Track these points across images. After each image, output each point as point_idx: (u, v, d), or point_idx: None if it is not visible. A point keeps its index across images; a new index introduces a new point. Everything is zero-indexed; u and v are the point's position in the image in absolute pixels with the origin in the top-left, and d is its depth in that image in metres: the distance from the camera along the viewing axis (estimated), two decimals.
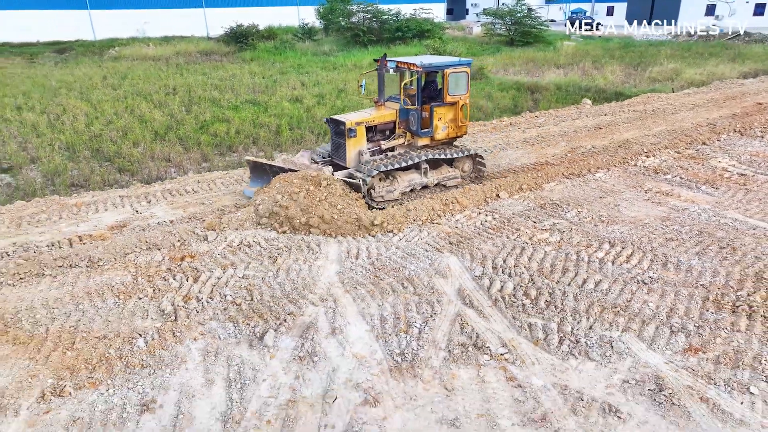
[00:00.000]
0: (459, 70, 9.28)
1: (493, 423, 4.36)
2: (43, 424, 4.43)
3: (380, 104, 9.72)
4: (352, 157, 9.19)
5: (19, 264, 6.91)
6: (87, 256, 7.12)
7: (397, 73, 9.67)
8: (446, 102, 9.28)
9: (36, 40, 45.28)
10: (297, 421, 4.44)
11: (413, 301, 6.09)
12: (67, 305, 6.12)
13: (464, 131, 9.79)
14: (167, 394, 4.75)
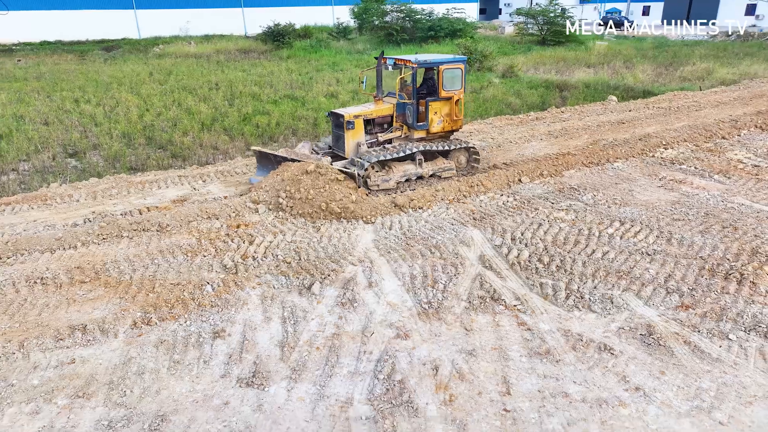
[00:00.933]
0: (453, 66, 9.81)
1: (504, 354, 5.22)
2: (138, 344, 5.50)
3: (379, 99, 10.23)
4: (351, 148, 9.72)
5: (102, 227, 8.09)
6: (157, 222, 8.25)
7: (396, 70, 10.24)
8: (441, 97, 9.81)
9: (85, 38, 47.72)
10: (341, 348, 5.39)
11: (439, 264, 6.98)
12: (145, 260, 7.23)
13: (460, 125, 10.28)
14: (234, 327, 5.77)
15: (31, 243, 7.65)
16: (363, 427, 4.39)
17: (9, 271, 6.97)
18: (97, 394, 4.81)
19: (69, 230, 8.11)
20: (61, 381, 4.97)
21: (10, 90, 21.22)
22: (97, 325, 5.75)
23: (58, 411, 4.61)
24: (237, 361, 5.24)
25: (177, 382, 4.96)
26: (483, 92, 20.88)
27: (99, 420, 4.51)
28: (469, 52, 26.60)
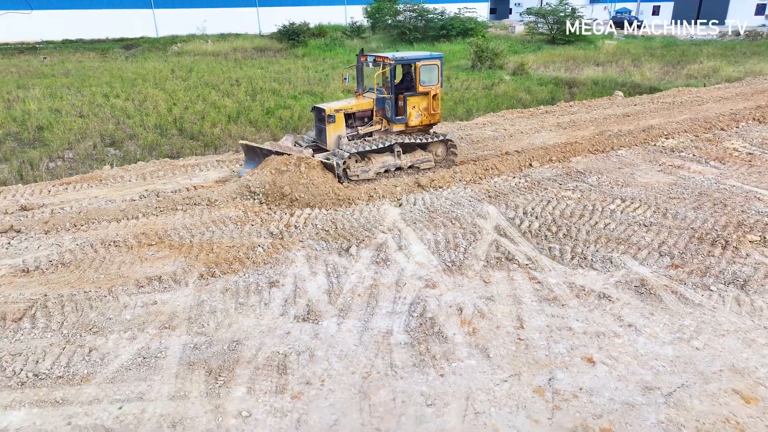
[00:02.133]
0: (430, 63, 10.24)
1: (518, 300, 6.17)
2: (206, 291, 6.51)
3: (359, 94, 10.72)
4: (332, 141, 10.20)
5: (159, 201, 9.13)
6: (206, 198, 9.27)
7: (376, 67, 10.55)
8: (419, 92, 10.22)
9: (105, 37, 49.05)
10: (379, 295, 6.36)
11: (459, 232, 7.94)
12: (200, 228, 8.25)
13: (437, 119, 10.71)
14: (286, 279, 6.76)
15: (100, 214, 8.70)
16: (402, 349, 5.36)
17: (85, 236, 8.01)
18: (180, 326, 5.82)
19: (130, 204, 9.15)
20: (148, 317, 5.99)
21: (41, 86, 22.32)
22: (170, 277, 6.77)
23: (151, 337, 5.62)
24: (292, 303, 6.23)
25: (244, 318, 5.96)
26: (495, 88, 21.72)
27: (185, 344, 5.51)
28: (480, 51, 27.46)
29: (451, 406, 4.60)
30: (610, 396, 4.65)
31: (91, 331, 5.71)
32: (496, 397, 4.68)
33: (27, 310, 6.05)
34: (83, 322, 5.88)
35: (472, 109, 17.56)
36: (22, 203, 9.33)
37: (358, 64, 10.75)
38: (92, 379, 5.00)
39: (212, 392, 4.82)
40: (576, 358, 5.16)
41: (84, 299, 6.28)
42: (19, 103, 18.65)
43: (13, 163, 12.36)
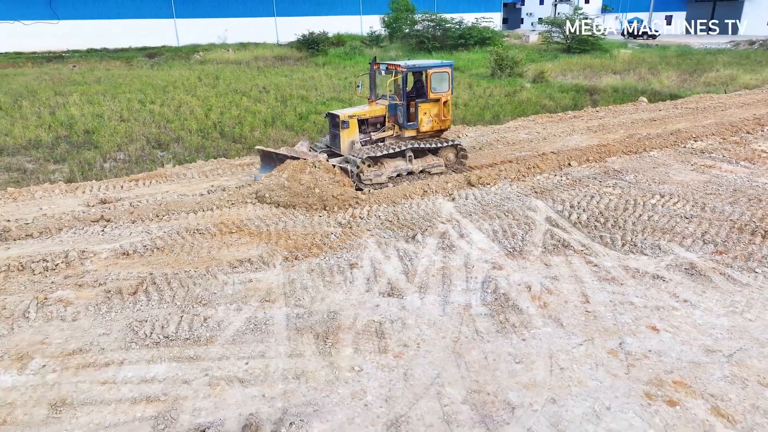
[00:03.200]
0: (441, 70, 10.54)
1: (579, 280, 6.81)
2: (293, 271, 7.20)
3: (372, 101, 11.00)
4: (346, 146, 10.45)
5: (229, 194, 9.87)
6: None
7: (388, 74, 10.86)
8: (430, 98, 10.54)
9: (128, 46, 50.30)
10: (451, 275, 7.02)
11: (514, 223, 8.60)
12: (272, 218, 8.95)
13: (448, 125, 11.03)
14: (363, 261, 7.44)
15: (177, 206, 9.44)
16: (483, 319, 6.01)
17: (169, 225, 8.74)
18: (278, 300, 6.51)
19: (203, 197, 9.89)
20: (248, 292, 6.68)
21: (77, 93, 23.19)
22: (258, 259, 7.47)
23: (255, 309, 6.31)
24: (374, 282, 6.90)
25: (334, 293, 6.64)
26: (517, 95, 22.39)
27: (288, 314, 6.20)
28: (500, 59, 28.19)
29: (537, 363, 5.24)
30: (677, 356, 5.28)
31: (200, 304, 6.41)
32: (576, 357, 5.32)
33: (139, 285, 6.76)
34: (191, 296, 6.58)
35: (499, 114, 18.25)
36: (100, 197, 10.08)
37: (371, 72, 11.02)
38: (215, 341, 5.69)
39: (324, 351, 5.49)
40: (641, 326, 5.79)
41: (186, 277, 6.99)
42: (61, 109, 19.50)
43: (70, 163, 13.15)
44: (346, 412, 4.67)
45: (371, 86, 11.09)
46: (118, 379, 5.14)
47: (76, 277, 7.08)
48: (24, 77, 29.93)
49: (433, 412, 4.65)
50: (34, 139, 15.24)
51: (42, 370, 5.29)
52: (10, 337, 5.82)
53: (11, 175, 12.41)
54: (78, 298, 6.55)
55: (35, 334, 5.85)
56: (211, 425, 4.53)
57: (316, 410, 4.68)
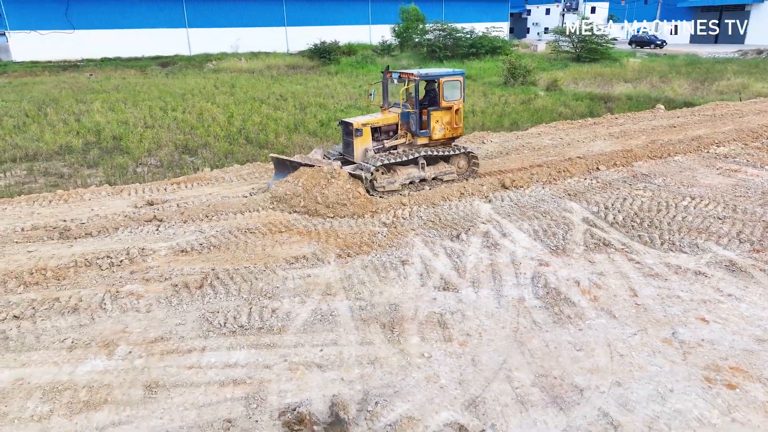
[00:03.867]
0: (453, 79, 10.65)
1: (625, 275, 7.12)
2: (348, 267, 7.52)
3: (385, 109, 11.07)
4: (359, 153, 10.51)
5: (273, 196, 10.22)
6: None
7: (400, 83, 10.95)
8: (442, 107, 10.66)
9: (141, 55, 51.03)
10: (500, 271, 7.34)
11: (552, 223, 8.92)
12: (318, 218, 9.29)
13: (460, 132, 11.12)
14: (413, 258, 7.76)
15: (224, 207, 9.79)
16: (539, 311, 6.32)
17: (219, 225, 9.09)
18: (338, 293, 6.83)
19: (247, 199, 10.24)
20: (308, 286, 7.00)
21: (98, 100, 23.62)
22: (313, 256, 7.81)
23: (318, 301, 6.63)
24: (427, 277, 7.22)
25: (391, 288, 6.96)
26: (533, 103, 22.76)
27: (351, 306, 6.51)
28: (513, 68, 28.62)
29: (596, 350, 5.54)
30: (730, 345, 5.57)
31: (266, 296, 6.74)
32: (632, 345, 5.62)
33: (203, 280, 7.10)
34: (255, 289, 6.91)
35: (517, 121, 18.62)
36: (147, 199, 10.45)
37: (384, 81, 11.12)
38: (288, 330, 6.01)
39: (393, 340, 5.81)
40: (690, 318, 6.08)
41: (247, 273, 7.32)
42: (85, 116, 19.93)
43: (105, 167, 13.52)
44: (424, 393, 4.97)
45: (384, 94, 11.21)
46: (202, 364, 5.46)
47: (141, 272, 7.43)
48: (43, 85, 30.49)
49: (506, 394, 4.95)
50: (65, 145, 15.64)
51: (129, 355, 5.61)
52: (93, 326, 6.15)
53: (49, 179, 12.80)
54: (147, 292, 6.88)
55: (115, 324, 6.18)
56: (300, 404, 4.84)
57: (396, 392, 4.99)
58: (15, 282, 7.06)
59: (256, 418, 4.70)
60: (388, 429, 4.54)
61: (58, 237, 8.55)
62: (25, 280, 7.11)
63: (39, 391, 5.08)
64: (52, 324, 6.18)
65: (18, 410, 4.85)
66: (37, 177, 12.92)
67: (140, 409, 4.85)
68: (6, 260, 7.75)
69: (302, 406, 4.81)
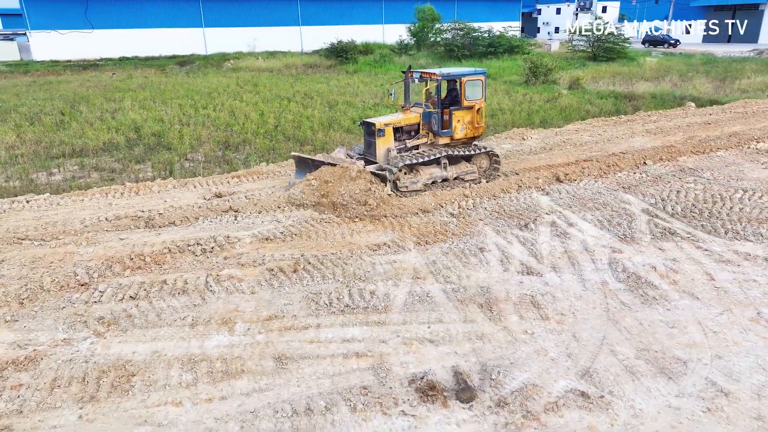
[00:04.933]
0: (475, 78, 10.62)
1: (697, 261, 7.48)
2: (429, 253, 7.91)
3: (406, 109, 11.05)
4: (382, 153, 10.52)
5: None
6: None
7: (422, 82, 11.02)
8: (464, 106, 10.64)
9: (158, 54, 51.59)
10: (576, 258, 7.71)
11: (614, 214, 9.29)
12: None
13: (481, 132, 11.11)
14: (489, 246, 8.14)
15: (293, 198, 10.17)
16: (624, 293, 6.69)
17: (293, 215, 9.48)
18: (427, 277, 7.21)
19: None
20: (396, 271, 7.39)
21: (126, 99, 24.00)
22: (393, 243, 8.20)
23: (410, 284, 7.02)
24: (507, 263, 7.60)
25: (476, 272, 7.34)
26: (558, 101, 23.08)
27: (443, 289, 6.90)
28: (535, 67, 28.94)
29: (689, 328, 5.91)
30: None
31: (360, 280, 7.13)
32: (722, 324, 5.98)
33: (296, 265, 7.49)
34: (347, 273, 7.30)
35: (546, 118, 18.96)
36: (214, 191, 10.85)
37: (405, 80, 11.09)
38: (392, 310, 6.40)
39: (493, 318, 6.19)
40: None
41: (336, 258, 7.72)
42: (119, 113, 20.34)
43: (154, 163, 13.90)
44: (538, 364, 5.35)
45: (405, 94, 11.16)
46: (321, 339, 5.85)
47: (234, 258, 7.83)
48: (68, 84, 30.98)
49: (614, 365, 5.32)
50: (109, 142, 16.05)
51: (248, 332, 6.01)
52: (205, 306, 6.56)
53: (102, 174, 13.23)
54: (245, 276, 7.28)
55: (226, 304, 6.59)
56: (425, 373, 5.23)
57: (512, 363, 5.37)
58: (119, 266, 7.48)
59: (390, 385, 5.09)
60: (515, 394, 4.92)
61: (144, 226, 8.97)
62: (127, 265, 7.52)
63: (177, 363, 5.48)
64: (167, 304, 6.59)
65: (164, 379, 5.25)
66: (89, 172, 13.34)
67: (276, 378, 5.25)
68: (102, 247, 8.17)
69: (429, 374, 5.19)
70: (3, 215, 9.54)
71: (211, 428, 4.64)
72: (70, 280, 7.09)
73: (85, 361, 5.51)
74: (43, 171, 13.18)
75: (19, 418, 4.75)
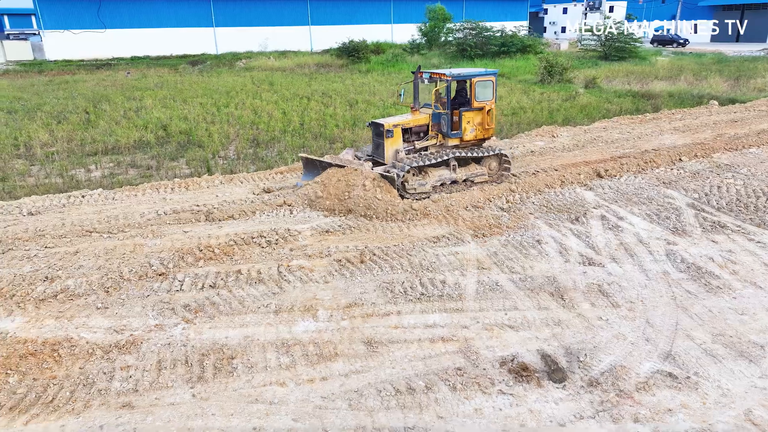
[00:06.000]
0: (485, 78, 10.44)
1: (753, 253, 7.71)
2: (487, 245, 8.14)
3: (415, 110, 10.87)
4: (390, 155, 10.34)
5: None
6: None
7: (431, 83, 10.85)
8: (474, 107, 10.44)
9: (169, 53, 51.90)
10: (632, 249, 7.94)
11: (661, 208, 9.52)
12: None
13: (491, 133, 10.88)
14: (545, 238, 8.37)
15: None
16: (687, 282, 6.92)
17: None
18: (492, 268, 7.45)
19: None
20: (460, 262, 7.63)
21: (145, 98, 24.19)
22: (452, 236, 8.44)
23: (477, 274, 7.25)
24: (566, 254, 7.83)
25: (538, 263, 7.57)
26: (576, 100, 23.28)
27: (509, 279, 7.13)
28: (550, 66, 29.15)
29: (759, 314, 6.15)
30: None
31: (428, 270, 7.37)
32: None
33: (362, 256, 7.73)
34: (413, 263, 7.54)
35: (568, 117, 19.18)
36: (262, 186, 11.10)
37: (415, 81, 10.90)
38: (465, 298, 6.64)
39: (567, 306, 6.43)
40: None
41: (399, 250, 7.96)
42: (142, 112, 20.54)
43: (187, 160, 14.12)
44: (620, 348, 5.59)
45: (414, 95, 10.96)
46: (404, 324, 6.09)
47: (299, 249, 8.07)
48: (85, 83, 31.22)
49: (693, 349, 5.56)
50: (139, 139, 16.27)
51: (332, 318, 6.25)
52: (284, 294, 6.80)
53: (139, 171, 13.47)
54: (315, 266, 7.52)
55: (304, 293, 6.83)
56: (514, 356, 5.46)
57: (595, 347, 5.61)
58: (191, 258, 7.72)
59: (482, 366, 5.33)
60: (605, 375, 5.16)
61: (205, 219, 9.21)
62: (198, 256, 7.77)
63: (271, 347, 5.72)
64: (246, 292, 6.83)
65: (263, 361, 5.49)
66: (126, 168, 13.58)
67: (369, 361, 5.49)
68: (169, 239, 8.42)
69: (518, 357, 5.43)
70: (64, 209, 9.79)
71: (320, 406, 4.88)
72: (147, 270, 7.34)
73: (183, 345, 5.75)
74: (80, 168, 13.42)
75: (136, 396, 4.99)
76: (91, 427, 4.63)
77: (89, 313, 6.35)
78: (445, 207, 9.60)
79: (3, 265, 7.53)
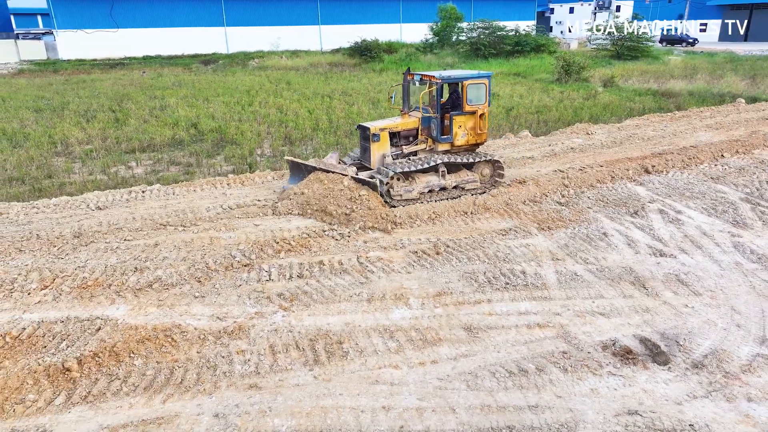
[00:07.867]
0: (477, 81, 9.97)
1: None
2: (555, 237, 8.35)
3: (405, 113, 10.62)
4: (377, 159, 10.01)
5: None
6: None
7: (422, 85, 10.50)
8: (465, 111, 9.98)
9: (181, 53, 52.09)
10: (698, 241, 8.15)
11: (715, 202, 9.73)
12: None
13: (484, 139, 10.39)
14: (609, 231, 8.58)
15: None
16: (762, 272, 7.14)
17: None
18: (565, 259, 7.66)
19: None
20: (533, 253, 7.84)
21: (167, 96, 24.33)
22: (519, 228, 8.65)
23: (552, 265, 7.46)
24: (635, 246, 8.04)
25: (609, 255, 7.78)
26: (597, 99, 23.47)
27: (586, 269, 7.33)
28: (567, 65, 29.35)
29: None
30: None
31: (504, 261, 7.58)
32: None
33: (436, 248, 7.93)
34: (489, 255, 7.75)
35: (593, 115, 19.38)
36: None
37: (405, 83, 10.59)
38: (549, 287, 6.85)
39: (650, 294, 6.64)
40: None
41: (471, 242, 8.17)
42: (167, 111, 20.71)
43: (226, 157, 14.31)
44: (714, 333, 5.80)
45: (404, 97, 10.65)
46: (497, 312, 6.30)
47: (372, 242, 8.28)
48: (102, 82, 31.40)
49: None
50: (172, 137, 16.45)
51: (424, 306, 6.46)
52: (371, 284, 7.01)
53: (180, 168, 13.67)
54: (392, 258, 7.73)
55: (390, 282, 7.04)
56: (614, 341, 5.67)
57: (690, 332, 5.82)
58: (271, 250, 7.93)
59: (586, 350, 5.54)
60: (708, 358, 5.37)
61: (272, 213, 9.42)
62: (277, 248, 7.97)
63: (374, 332, 5.93)
64: (333, 282, 7.04)
65: (371, 345, 5.70)
66: (167, 165, 13.78)
67: (473, 345, 5.70)
68: (242, 232, 8.63)
69: (619, 341, 5.64)
70: (129, 204, 10.00)
71: (439, 387, 5.09)
72: (232, 261, 7.54)
73: (289, 331, 5.96)
74: (121, 165, 13.62)
75: (260, 378, 5.20)
76: (227, 405, 4.84)
77: (188, 301, 6.56)
78: (504, 202, 9.81)
79: (89, 257, 7.74)
